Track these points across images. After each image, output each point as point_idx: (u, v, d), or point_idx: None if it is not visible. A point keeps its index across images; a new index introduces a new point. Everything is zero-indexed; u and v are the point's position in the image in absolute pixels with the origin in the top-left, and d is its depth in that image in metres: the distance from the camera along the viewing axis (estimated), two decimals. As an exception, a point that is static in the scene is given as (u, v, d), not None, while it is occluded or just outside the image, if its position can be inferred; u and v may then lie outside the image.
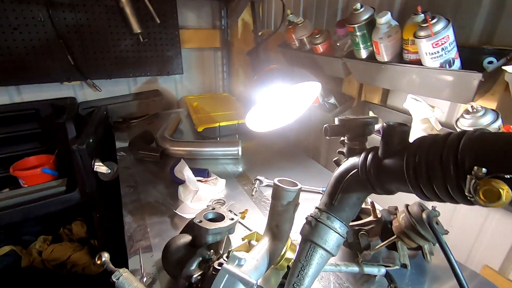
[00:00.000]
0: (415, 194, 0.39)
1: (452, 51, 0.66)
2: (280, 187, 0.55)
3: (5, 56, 1.23)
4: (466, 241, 0.88)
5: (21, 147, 1.39)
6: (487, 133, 0.32)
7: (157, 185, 0.96)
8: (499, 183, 0.27)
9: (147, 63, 1.54)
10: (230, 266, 0.47)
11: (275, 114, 0.87)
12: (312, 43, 1.03)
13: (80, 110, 1.43)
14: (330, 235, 0.47)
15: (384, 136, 0.43)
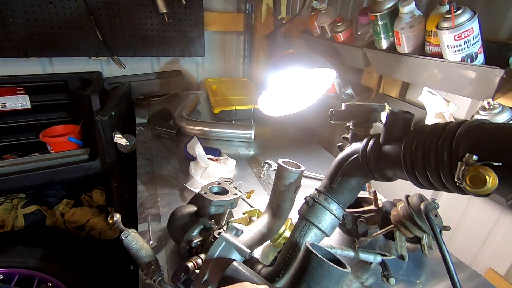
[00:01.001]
0: (410, 180, 0.40)
1: (476, 45, 0.64)
2: (283, 168, 0.57)
3: (40, 29, 1.31)
4: (473, 243, 0.87)
5: (50, 116, 1.49)
6: (487, 124, 0.32)
7: (170, 160, 1.01)
8: (487, 170, 0.28)
9: (170, 43, 1.58)
10: (227, 235, 0.50)
11: (288, 99, 0.88)
12: (333, 31, 1.02)
13: (106, 85, 1.50)
14: (325, 215, 0.49)
15: (386, 123, 0.43)
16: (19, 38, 1.29)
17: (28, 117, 1.45)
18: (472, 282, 0.65)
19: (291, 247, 0.49)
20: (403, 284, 0.61)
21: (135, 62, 1.62)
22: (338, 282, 0.35)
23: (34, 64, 1.42)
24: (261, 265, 0.51)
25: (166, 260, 0.62)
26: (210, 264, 0.47)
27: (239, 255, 0.48)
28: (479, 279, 0.66)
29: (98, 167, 1.25)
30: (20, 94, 1.37)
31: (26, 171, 1.17)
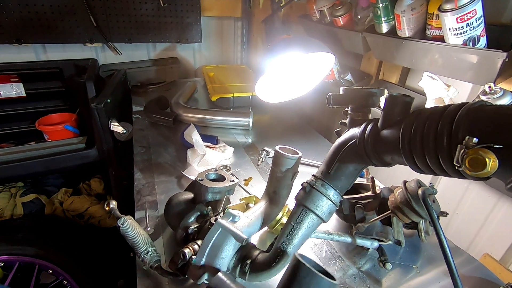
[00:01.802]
0: (408, 165, 0.39)
1: (478, 27, 0.62)
2: (280, 154, 0.56)
3: (32, 14, 1.27)
4: (470, 229, 0.87)
5: (46, 104, 1.47)
6: (488, 106, 0.31)
7: (168, 148, 1.00)
8: (487, 153, 0.27)
9: (166, 29, 1.55)
10: (224, 221, 0.49)
11: (286, 85, 0.86)
12: (332, 15, 0.99)
13: (101, 73, 1.48)
14: (322, 201, 0.49)
15: (385, 107, 0.42)
16: (11, 24, 1.26)
17: (23, 106, 1.43)
18: (468, 267, 0.65)
19: (288, 233, 0.48)
20: (400, 269, 0.62)
21: (131, 49, 1.58)
22: None
23: (27, 51, 1.39)
24: (258, 251, 0.51)
25: (164, 247, 0.62)
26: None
27: (236, 240, 0.48)
28: (475, 263, 0.67)
29: (95, 156, 1.25)
30: (14, 82, 1.35)
31: (23, 159, 1.17)
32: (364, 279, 0.59)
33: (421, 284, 0.59)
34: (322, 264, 0.61)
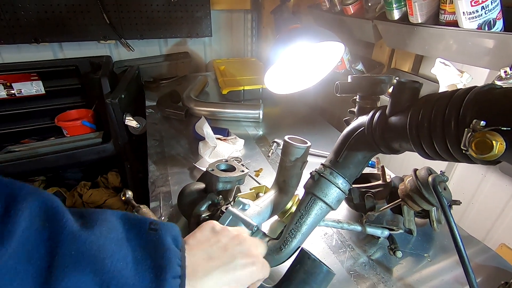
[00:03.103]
0: (416, 151, 0.39)
1: (494, 10, 0.60)
2: (289, 143, 0.57)
3: (48, 13, 1.32)
4: (486, 219, 0.85)
5: (64, 100, 1.53)
6: (497, 89, 0.31)
7: (180, 140, 1.02)
8: (494, 135, 0.27)
9: (177, 24, 1.56)
10: (234, 209, 0.51)
11: (296, 76, 0.86)
12: (342, 4, 0.98)
13: (115, 69, 1.51)
14: (331, 189, 0.49)
15: (393, 93, 0.42)
16: (30, 24, 1.31)
17: (43, 103, 1.49)
18: (483, 256, 0.64)
19: (297, 220, 0.49)
20: (411, 258, 0.62)
21: (143, 45, 1.61)
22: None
23: (45, 49, 1.44)
24: (268, 238, 0.52)
25: (177, 235, 0.64)
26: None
27: (246, 228, 0.49)
28: (490, 253, 0.65)
29: (111, 150, 1.29)
30: (34, 80, 1.41)
31: (44, 154, 1.22)
32: (374, 267, 0.59)
33: (433, 273, 0.59)
34: (332, 252, 0.62)
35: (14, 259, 0.23)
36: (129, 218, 0.31)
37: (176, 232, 0.33)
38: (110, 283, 0.26)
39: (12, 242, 0.23)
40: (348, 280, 0.56)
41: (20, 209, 0.25)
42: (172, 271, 0.29)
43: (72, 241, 0.26)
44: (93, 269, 0.25)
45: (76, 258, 0.25)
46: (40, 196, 0.27)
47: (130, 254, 0.28)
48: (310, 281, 0.41)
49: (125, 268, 0.27)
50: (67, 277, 0.24)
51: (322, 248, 0.63)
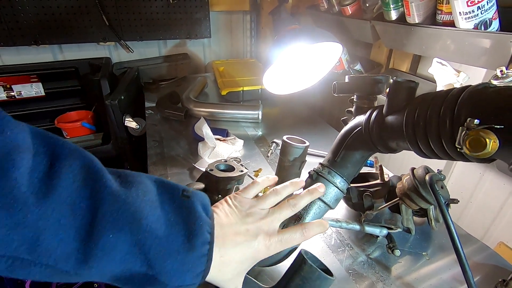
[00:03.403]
0: (413, 150, 0.39)
1: (490, 10, 0.61)
2: (288, 143, 0.57)
3: (48, 16, 1.32)
4: (485, 218, 0.86)
5: (64, 102, 1.53)
6: (491, 87, 0.31)
7: (179, 141, 1.03)
8: (487, 133, 0.27)
9: (176, 26, 1.57)
10: (233, 208, 0.51)
11: (294, 77, 0.86)
12: (340, 4, 0.98)
13: (115, 70, 1.52)
14: (329, 188, 0.49)
15: (390, 93, 0.43)
16: (30, 26, 1.32)
17: (43, 104, 1.49)
18: (481, 255, 0.64)
19: (295, 220, 0.50)
20: (409, 256, 0.62)
21: (142, 46, 1.62)
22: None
23: (45, 51, 1.44)
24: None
25: (177, 235, 0.64)
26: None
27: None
28: (488, 252, 0.66)
29: (111, 151, 1.29)
30: (34, 81, 1.41)
31: (44, 156, 1.22)
32: (373, 266, 0.59)
33: (431, 271, 0.59)
34: (331, 251, 0.62)
35: (58, 212, 0.24)
36: (163, 183, 0.33)
37: (206, 201, 0.34)
38: (145, 242, 0.27)
39: (56, 196, 0.24)
40: (347, 279, 0.57)
41: (63, 166, 0.26)
42: (202, 237, 0.30)
43: (112, 201, 0.27)
44: (130, 228, 0.27)
45: (116, 217, 0.26)
46: (81, 155, 0.28)
47: (163, 217, 0.30)
48: (306, 287, 0.40)
49: (159, 229, 0.28)
50: (106, 234, 0.26)
51: (321, 247, 0.63)
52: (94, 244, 0.25)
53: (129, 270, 0.28)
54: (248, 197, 0.42)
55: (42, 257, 0.24)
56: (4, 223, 0.22)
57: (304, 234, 0.39)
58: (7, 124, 0.24)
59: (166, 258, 0.28)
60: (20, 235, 0.23)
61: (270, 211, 0.40)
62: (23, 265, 0.24)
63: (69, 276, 0.26)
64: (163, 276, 0.29)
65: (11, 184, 0.22)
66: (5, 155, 0.22)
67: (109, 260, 0.26)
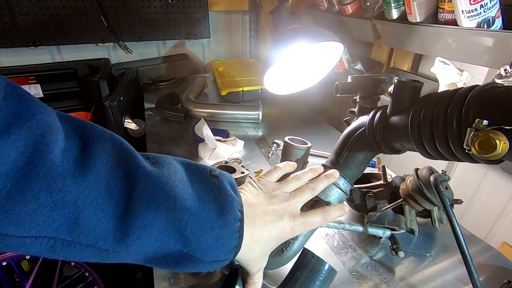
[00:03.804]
0: (418, 151, 0.39)
1: (493, 9, 0.60)
2: (290, 144, 0.57)
3: (46, 17, 1.31)
4: (488, 217, 0.85)
5: (63, 104, 1.52)
6: (499, 87, 0.31)
7: (180, 142, 1.02)
8: (497, 135, 0.26)
9: (175, 26, 1.56)
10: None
11: (295, 77, 0.86)
12: (341, 4, 0.98)
13: (113, 71, 1.51)
14: (332, 190, 0.49)
15: (394, 93, 0.42)
16: (27, 28, 1.31)
17: (41, 106, 1.48)
18: (485, 255, 0.64)
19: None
20: (413, 258, 0.61)
21: (141, 47, 1.61)
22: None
23: (43, 53, 1.43)
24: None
25: (178, 238, 0.64)
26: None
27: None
28: (492, 252, 0.65)
29: (110, 152, 1.28)
30: (32, 83, 1.40)
31: (43, 158, 1.21)
32: (376, 268, 0.59)
33: (435, 272, 0.59)
34: (334, 253, 0.61)
35: (95, 192, 0.25)
36: (190, 164, 0.34)
37: (233, 181, 0.36)
38: (182, 219, 0.28)
39: (92, 176, 0.25)
40: (351, 281, 0.56)
41: (96, 148, 0.26)
42: (234, 213, 0.32)
43: (146, 180, 0.28)
44: (166, 206, 0.28)
45: (152, 196, 0.27)
46: (111, 137, 0.28)
47: (195, 195, 0.31)
48: (315, 279, 0.42)
49: (193, 207, 0.29)
50: (143, 213, 0.26)
51: (324, 249, 0.63)
52: (132, 222, 0.26)
53: (164, 249, 0.28)
54: (271, 180, 0.43)
55: (82, 236, 0.24)
56: (45, 203, 0.22)
57: (326, 216, 0.41)
58: (37, 107, 0.24)
59: (202, 233, 0.29)
60: (60, 215, 0.23)
61: (292, 194, 0.41)
62: (64, 246, 0.24)
63: (108, 255, 0.26)
64: (199, 252, 0.29)
65: (48, 165, 0.23)
66: (39, 137, 0.23)
67: (146, 237, 0.27)
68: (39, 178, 0.22)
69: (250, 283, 0.40)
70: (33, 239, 0.23)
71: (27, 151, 0.22)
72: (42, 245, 0.23)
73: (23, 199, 0.21)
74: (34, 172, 0.22)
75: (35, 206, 0.22)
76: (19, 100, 0.23)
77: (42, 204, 0.22)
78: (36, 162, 0.22)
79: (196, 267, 0.30)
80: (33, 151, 0.22)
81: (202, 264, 0.30)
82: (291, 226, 0.38)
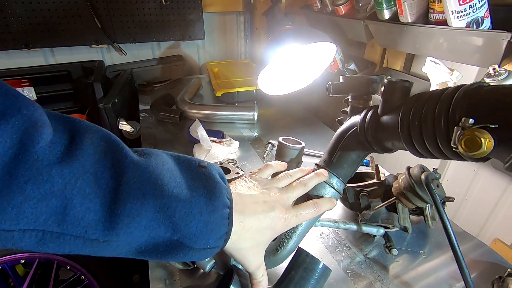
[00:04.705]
0: (408, 150, 0.39)
1: (482, 9, 0.61)
2: (283, 145, 0.57)
3: (39, 19, 1.30)
4: (480, 215, 0.87)
5: (57, 106, 1.51)
6: (485, 86, 0.31)
7: (175, 144, 1.02)
8: (482, 133, 0.27)
9: (169, 27, 1.56)
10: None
11: (289, 77, 0.86)
12: (334, 4, 0.98)
13: (108, 73, 1.50)
14: (325, 189, 0.49)
15: (384, 93, 0.42)
16: (20, 30, 1.30)
17: (35, 109, 1.47)
18: (477, 252, 0.65)
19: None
20: (406, 255, 0.62)
21: (136, 48, 1.60)
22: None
23: (36, 55, 1.42)
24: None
25: (174, 239, 0.64)
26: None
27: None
28: (484, 248, 0.66)
29: (106, 155, 1.28)
30: (26, 86, 1.39)
31: (37, 161, 1.20)
32: (371, 266, 0.59)
33: (429, 269, 0.59)
34: (328, 252, 0.62)
35: (82, 181, 0.25)
36: (179, 156, 0.35)
37: (222, 172, 0.36)
38: (170, 206, 0.28)
39: (79, 165, 0.25)
40: (345, 279, 0.57)
41: (84, 139, 0.27)
42: (222, 200, 0.32)
43: (134, 169, 0.28)
44: (154, 194, 0.28)
45: (139, 184, 0.27)
46: (99, 130, 0.29)
47: (184, 182, 0.31)
48: (309, 278, 0.42)
49: (181, 193, 0.30)
50: (131, 201, 0.26)
51: (319, 248, 0.63)
52: (120, 210, 0.26)
53: (154, 238, 0.28)
54: (263, 177, 0.44)
55: (70, 227, 0.24)
56: (32, 195, 0.23)
57: (317, 208, 0.43)
58: (23, 102, 0.24)
59: (191, 219, 0.29)
60: (48, 207, 0.23)
61: (284, 189, 0.42)
62: (53, 238, 0.24)
63: (98, 245, 0.26)
64: (188, 238, 0.30)
65: (34, 157, 0.23)
66: (24, 132, 0.23)
67: (135, 225, 0.27)
68: (25, 171, 0.22)
69: (255, 283, 0.39)
70: (22, 232, 0.23)
71: (13, 147, 0.22)
72: (31, 238, 0.24)
73: (9, 192, 0.22)
74: (20, 166, 0.22)
75: (21, 198, 0.22)
76: (4, 96, 0.23)
77: (29, 196, 0.22)
78: (22, 156, 0.23)
79: (187, 255, 0.31)
80: (19, 145, 0.23)
81: (193, 251, 0.31)
82: (283, 218, 0.38)
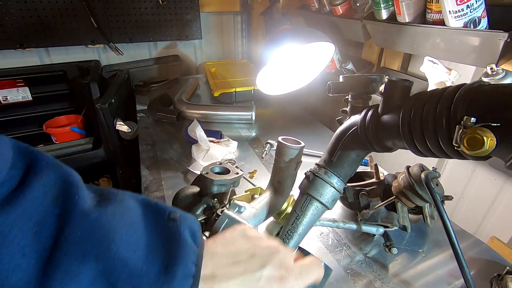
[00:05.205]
0: (409, 148, 0.39)
1: (479, 9, 0.61)
2: (283, 144, 0.57)
3: (34, 18, 1.29)
4: (477, 213, 0.87)
5: (52, 106, 1.50)
6: (486, 85, 0.31)
7: (173, 144, 1.02)
8: (484, 131, 0.27)
9: (166, 27, 1.55)
10: (230, 211, 0.50)
11: (287, 77, 0.86)
12: (331, 4, 0.99)
13: (104, 73, 1.49)
14: (326, 189, 0.49)
15: (385, 92, 0.43)
16: (15, 29, 1.28)
17: (30, 109, 1.46)
18: (475, 250, 0.65)
19: (293, 221, 0.49)
20: (406, 254, 0.62)
21: (132, 48, 1.60)
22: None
23: (31, 55, 1.41)
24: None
25: (173, 240, 0.63)
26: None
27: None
28: (482, 246, 0.67)
29: (102, 155, 1.27)
30: (20, 86, 1.38)
31: (33, 162, 1.19)
32: (370, 265, 0.60)
33: (428, 268, 0.60)
34: (328, 251, 0.62)
35: (19, 231, 0.21)
36: (150, 203, 0.29)
37: (196, 227, 0.29)
38: (113, 271, 0.23)
39: (20, 211, 0.21)
40: (345, 278, 0.57)
41: (36, 180, 0.23)
42: (185, 267, 0.26)
43: (80, 221, 0.23)
44: (97, 254, 0.23)
45: (81, 241, 0.23)
46: (58, 170, 0.25)
47: (143, 240, 0.26)
48: None
49: (132, 256, 0.24)
50: (65, 262, 0.22)
51: (319, 248, 0.63)
52: (53, 272, 0.22)
53: None
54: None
55: None
56: None
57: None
58: None
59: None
60: None
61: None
62: None
63: None
64: None
65: None
66: None
67: None
68: None
69: None
70: None
71: None
72: None
73: None
74: None
75: None
76: None
77: None
78: None
79: None
80: None
81: None
82: (275, 281, 0.31)
